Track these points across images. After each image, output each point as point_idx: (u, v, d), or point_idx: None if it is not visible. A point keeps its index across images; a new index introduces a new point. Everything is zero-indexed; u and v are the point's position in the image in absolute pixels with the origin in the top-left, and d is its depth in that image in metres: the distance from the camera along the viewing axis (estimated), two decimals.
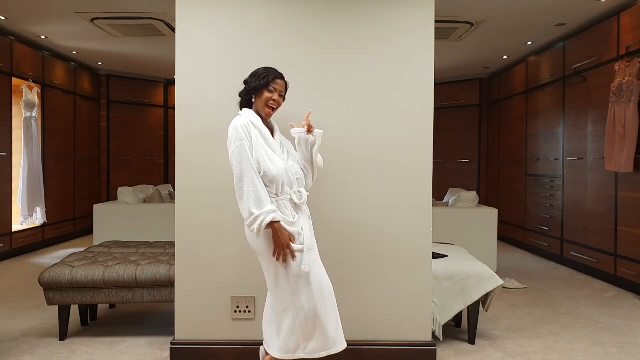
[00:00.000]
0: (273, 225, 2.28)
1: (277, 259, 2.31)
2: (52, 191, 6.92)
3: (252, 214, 2.26)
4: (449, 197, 6.20)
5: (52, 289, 3.26)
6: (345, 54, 2.94)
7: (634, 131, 4.46)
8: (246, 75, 2.50)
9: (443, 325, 3.39)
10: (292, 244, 2.31)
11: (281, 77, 2.50)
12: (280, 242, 2.29)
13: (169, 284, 3.24)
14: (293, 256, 2.31)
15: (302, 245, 2.34)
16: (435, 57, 2.95)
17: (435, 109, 8.99)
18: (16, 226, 6.31)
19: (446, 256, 3.57)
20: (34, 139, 6.45)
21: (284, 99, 2.52)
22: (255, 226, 2.26)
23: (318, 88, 2.94)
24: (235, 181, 2.30)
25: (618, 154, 4.64)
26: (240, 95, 2.53)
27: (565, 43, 5.90)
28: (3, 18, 5.54)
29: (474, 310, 3.33)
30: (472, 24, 5.60)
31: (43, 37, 6.32)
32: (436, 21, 5.53)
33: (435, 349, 2.96)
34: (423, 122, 2.94)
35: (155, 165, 9.16)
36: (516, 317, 3.92)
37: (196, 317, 2.95)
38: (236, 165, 2.31)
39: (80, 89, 7.79)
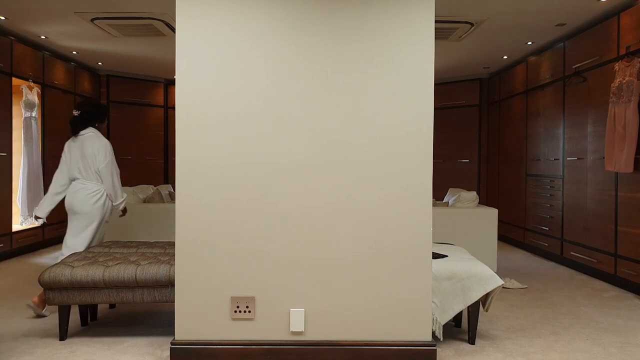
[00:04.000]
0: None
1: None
2: None
3: (123, 195, 4.13)
4: (449, 197, 6.20)
5: (52, 289, 3.26)
6: (344, 54, 2.94)
7: (634, 131, 4.46)
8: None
9: (443, 325, 3.40)
10: None
11: None
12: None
13: (169, 284, 3.24)
14: None
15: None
16: (435, 57, 2.96)
17: (435, 109, 9.12)
18: (16, 226, 6.31)
19: (446, 256, 3.57)
20: (34, 139, 6.45)
21: None
22: (124, 205, 4.17)
23: (317, 89, 2.94)
24: (116, 176, 4.08)
25: (618, 154, 4.64)
26: (97, 118, 4.22)
27: (565, 43, 5.90)
28: (3, 18, 5.55)
29: (474, 310, 3.34)
30: (472, 24, 5.60)
31: (43, 37, 6.32)
32: (436, 21, 5.58)
33: (435, 349, 2.96)
34: (423, 122, 2.95)
35: (155, 165, 9.16)
36: (516, 317, 3.92)
37: (196, 317, 2.96)
38: (113, 165, 4.08)
39: (80, 89, 7.79)
